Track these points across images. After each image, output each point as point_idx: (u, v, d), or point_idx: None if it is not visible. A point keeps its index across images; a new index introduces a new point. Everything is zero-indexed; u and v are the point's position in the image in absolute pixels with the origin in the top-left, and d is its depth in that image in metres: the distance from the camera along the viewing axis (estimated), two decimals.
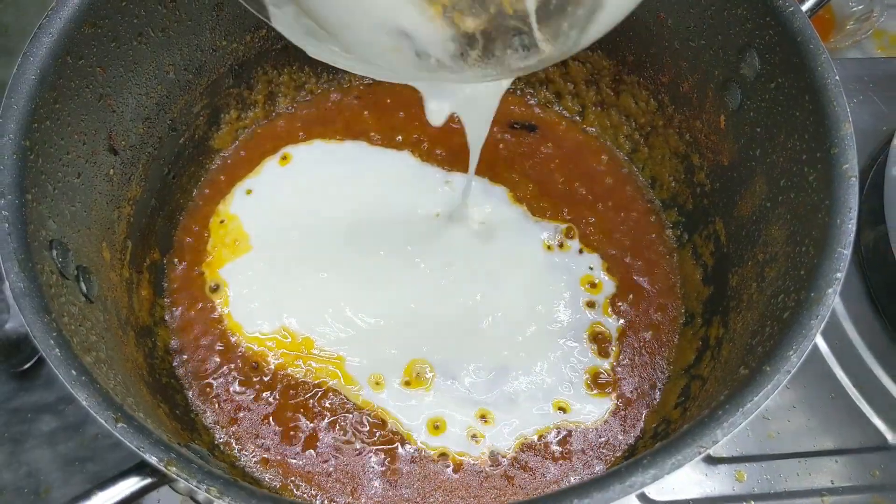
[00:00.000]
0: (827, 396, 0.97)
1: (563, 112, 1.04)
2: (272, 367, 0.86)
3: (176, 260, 0.92)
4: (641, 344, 0.89)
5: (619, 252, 0.95)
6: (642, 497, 0.90)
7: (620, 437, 0.84)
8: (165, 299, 0.89)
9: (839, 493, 0.92)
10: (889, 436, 0.95)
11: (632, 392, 0.86)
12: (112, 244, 0.79)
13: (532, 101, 1.05)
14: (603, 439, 0.84)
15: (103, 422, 0.54)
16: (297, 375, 0.86)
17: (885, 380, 0.98)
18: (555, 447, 0.83)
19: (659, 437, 0.79)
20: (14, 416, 0.95)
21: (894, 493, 0.92)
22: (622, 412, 0.85)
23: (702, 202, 0.91)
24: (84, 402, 0.55)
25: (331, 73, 1.04)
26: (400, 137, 1.02)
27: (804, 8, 0.73)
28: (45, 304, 0.59)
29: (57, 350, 0.57)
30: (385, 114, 1.04)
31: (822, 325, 0.59)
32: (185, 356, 0.86)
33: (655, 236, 0.96)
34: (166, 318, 0.88)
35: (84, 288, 0.69)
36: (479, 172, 0.98)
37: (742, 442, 0.93)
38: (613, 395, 0.86)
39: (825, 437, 0.95)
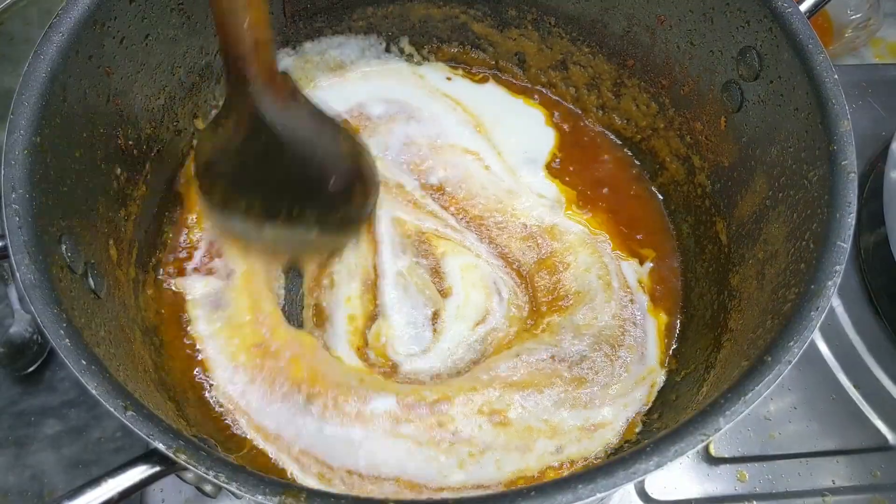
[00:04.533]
0: (828, 398, 0.98)
1: (564, 114, 1.05)
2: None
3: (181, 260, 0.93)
4: None
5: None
6: (645, 496, 0.90)
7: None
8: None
9: (840, 493, 0.92)
10: (889, 436, 0.95)
11: None
12: (119, 243, 0.80)
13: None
14: None
15: (112, 409, 0.54)
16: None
17: (886, 381, 0.98)
18: None
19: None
20: (18, 420, 0.96)
21: (895, 493, 0.92)
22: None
23: (703, 203, 0.92)
24: (94, 391, 0.55)
25: None
26: None
27: (802, 8, 0.74)
28: (55, 297, 0.59)
29: (67, 340, 0.57)
30: None
31: (822, 317, 0.60)
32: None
33: (657, 238, 0.96)
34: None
35: (92, 284, 0.70)
36: None
37: (744, 442, 0.94)
38: None
39: (826, 437, 0.95)
